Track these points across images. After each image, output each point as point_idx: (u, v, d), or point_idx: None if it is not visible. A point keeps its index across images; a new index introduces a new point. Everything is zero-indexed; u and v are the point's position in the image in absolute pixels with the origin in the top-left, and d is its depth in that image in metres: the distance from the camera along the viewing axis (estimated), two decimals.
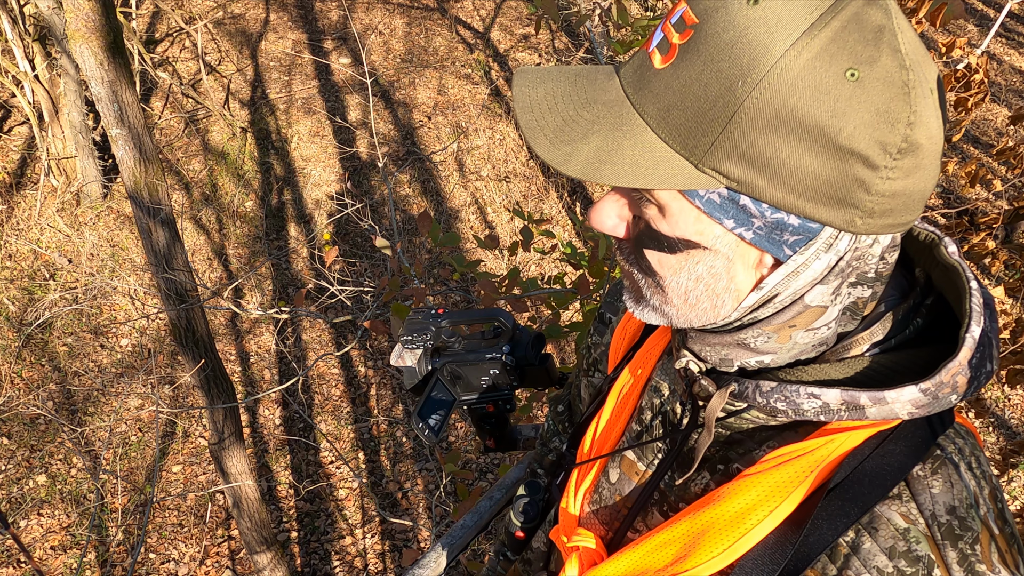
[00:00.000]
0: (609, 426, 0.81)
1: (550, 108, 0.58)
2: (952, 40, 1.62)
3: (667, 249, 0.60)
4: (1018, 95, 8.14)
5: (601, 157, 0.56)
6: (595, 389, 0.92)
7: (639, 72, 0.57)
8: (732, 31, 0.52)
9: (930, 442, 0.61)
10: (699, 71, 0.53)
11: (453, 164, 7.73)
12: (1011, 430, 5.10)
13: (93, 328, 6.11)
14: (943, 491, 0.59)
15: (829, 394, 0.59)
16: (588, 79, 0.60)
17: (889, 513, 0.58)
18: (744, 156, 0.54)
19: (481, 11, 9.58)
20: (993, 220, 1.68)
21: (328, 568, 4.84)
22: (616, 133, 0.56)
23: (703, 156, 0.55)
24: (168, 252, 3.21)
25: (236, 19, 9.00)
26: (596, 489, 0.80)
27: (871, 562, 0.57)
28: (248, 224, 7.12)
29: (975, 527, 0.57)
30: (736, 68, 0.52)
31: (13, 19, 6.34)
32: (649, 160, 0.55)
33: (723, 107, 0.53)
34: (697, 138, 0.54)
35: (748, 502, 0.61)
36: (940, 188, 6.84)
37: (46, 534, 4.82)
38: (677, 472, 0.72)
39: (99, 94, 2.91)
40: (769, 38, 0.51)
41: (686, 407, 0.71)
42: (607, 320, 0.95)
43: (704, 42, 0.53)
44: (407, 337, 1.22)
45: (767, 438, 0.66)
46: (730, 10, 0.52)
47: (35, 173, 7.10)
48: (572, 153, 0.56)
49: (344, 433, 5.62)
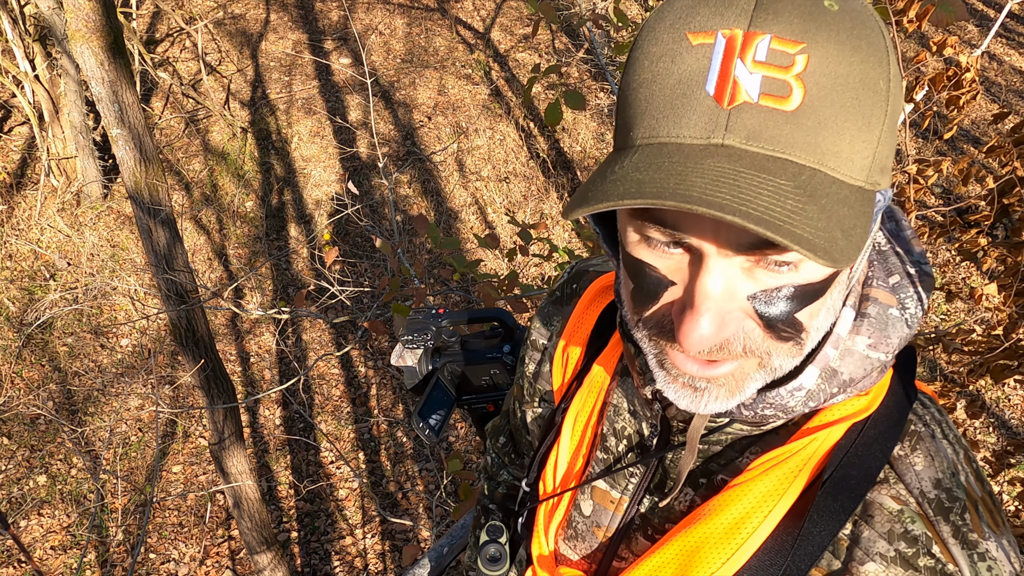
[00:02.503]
0: (572, 458, 0.77)
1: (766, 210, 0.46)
2: (944, 39, 1.63)
3: (820, 294, 0.53)
4: (1018, 95, 8.14)
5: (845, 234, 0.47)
6: (544, 421, 0.86)
7: (771, 129, 0.48)
8: (848, 34, 0.48)
9: (904, 420, 0.62)
10: (843, 88, 0.48)
11: (453, 164, 7.73)
12: (1011, 430, 5.10)
13: (93, 328, 6.12)
14: (926, 466, 0.60)
15: (806, 376, 0.59)
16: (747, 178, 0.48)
17: (881, 498, 0.59)
18: (885, 152, 0.52)
19: (481, 11, 9.58)
20: (985, 217, 1.69)
21: (328, 568, 4.84)
22: (823, 201, 0.47)
23: (869, 172, 0.51)
24: (168, 252, 3.21)
25: (236, 19, 9.01)
26: (569, 524, 0.78)
27: (873, 549, 0.58)
28: (248, 224, 7.12)
29: (961, 496, 0.59)
30: (873, 67, 0.49)
31: (13, 19, 6.34)
32: (851, 212, 0.48)
33: (880, 114, 0.50)
34: (866, 156, 0.50)
35: (741, 512, 0.61)
36: (939, 188, 6.84)
37: (46, 534, 4.83)
38: (656, 494, 0.70)
39: (99, 94, 2.91)
40: (873, 23, 0.50)
41: (656, 429, 0.70)
42: (540, 347, 0.88)
43: (831, 60, 0.47)
44: (408, 337, 1.23)
45: (748, 445, 0.65)
46: (827, 17, 0.48)
47: (35, 173, 7.11)
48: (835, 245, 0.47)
49: (344, 433, 5.63)
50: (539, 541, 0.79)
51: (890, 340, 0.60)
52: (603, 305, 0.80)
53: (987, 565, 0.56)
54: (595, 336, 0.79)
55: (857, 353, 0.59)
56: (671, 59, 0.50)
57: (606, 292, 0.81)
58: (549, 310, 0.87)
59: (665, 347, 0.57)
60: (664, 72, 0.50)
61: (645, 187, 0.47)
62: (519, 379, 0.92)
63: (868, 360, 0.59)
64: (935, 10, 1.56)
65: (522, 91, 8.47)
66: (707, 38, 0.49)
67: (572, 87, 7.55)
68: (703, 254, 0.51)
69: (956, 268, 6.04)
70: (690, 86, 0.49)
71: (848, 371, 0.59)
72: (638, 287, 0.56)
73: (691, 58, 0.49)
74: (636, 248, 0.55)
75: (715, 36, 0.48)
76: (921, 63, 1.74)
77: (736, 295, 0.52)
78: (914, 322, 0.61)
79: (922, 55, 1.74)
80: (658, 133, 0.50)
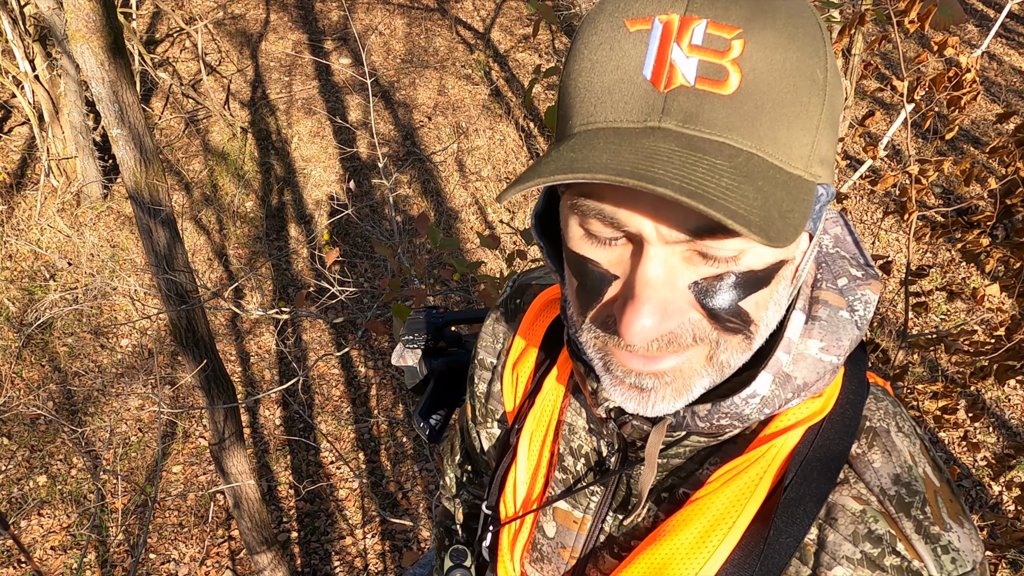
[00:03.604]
0: (531, 479, 0.76)
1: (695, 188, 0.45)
2: (945, 39, 1.63)
3: (764, 283, 0.53)
4: (1018, 95, 8.15)
5: (782, 216, 0.47)
6: (500, 442, 0.84)
7: (708, 112, 0.47)
8: (784, 23, 0.48)
9: (858, 417, 0.61)
10: (780, 74, 0.48)
11: (453, 164, 7.73)
12: (1011, 430, 5.10)
13: (93, 328, 6.12)
14: (884, 462, 0.60)
15: (760, 383, 0.58)
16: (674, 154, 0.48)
17: (843, 500, 0.59)
18: (824, 144, 0.51)
19: (481, 11, 9.59)
20: (987, 218, 1.69)
21: (328, 568, 4.84)
22: (758, 183, 0.47)
23: (808, 162, 0.50)
24: (168, 252, 3.21)
25: (236, 19, 9.01)
26: (534, 547, 0.76)
27: (839, 553, 0.58)
28: (248, 224, 7.12)
29: (920, 488, 0.59)
30: (810, 55, 0.49)
31: (14, 19, 6.34)
32: (788, 196, 0.48)
33: (817, 103, 0.49)
34: (804, 145, 0.50)
35: (705, 525, 0.60)
36: (939, 188, 6.84)
37: (46, 534, 4.83)
38: (619, 512, 0.69)
39: (100, 94, 2.91)
40: (810, 14, 0.50)
41: (613, 447, 0.69)
42: (489, 365, 0.85)
43: (767, 47, 0.47)
44: (408, 336, 1.22)
45: (707, 456, 0.65)
46: (764, 5, 0.48)
47: (35, 173, 7.11)
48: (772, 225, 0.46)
49: (344, 433, 5.63)
50: (505, 565, 0.78)
51: (841, 343, 0.59)
52: (549, 319, 0.78)
53: (951, 557, 0.57)
54: (544, 352, 0.78)
55: (810, 357, 0.59)
56: (609, 47, 0.49)
57: (551, 306, 0.79)
58: (494, 327, 0.85)
59: (610, 347, 0.56)
60: (602, 60, 0.50)
61: (576, 163, 0.46)
62: (471, 399, 0.89)
63: (821, 363, 0.59)
64: (923, 9, 1.56)
65: (522, 91, 8.48)
66: (644, 24, 0.48)
67: None
68: (643, 241, 0.50)
69: (956, 268, 6.04)
70: (627, 71, 0.48)
71: (802, 376, 0.59)
72: (581, 285, 0.55)
73: (628, 44, 0.49)
74: (578, 244, 0.54)
75: (652, 22, 0.48)
76: (922, 63, 1.74)
77: (677, 284, 0.51)
78: (863, 324, 0.61)
79: (923, 55, 1.74)
80: (595, 119, 0.50)
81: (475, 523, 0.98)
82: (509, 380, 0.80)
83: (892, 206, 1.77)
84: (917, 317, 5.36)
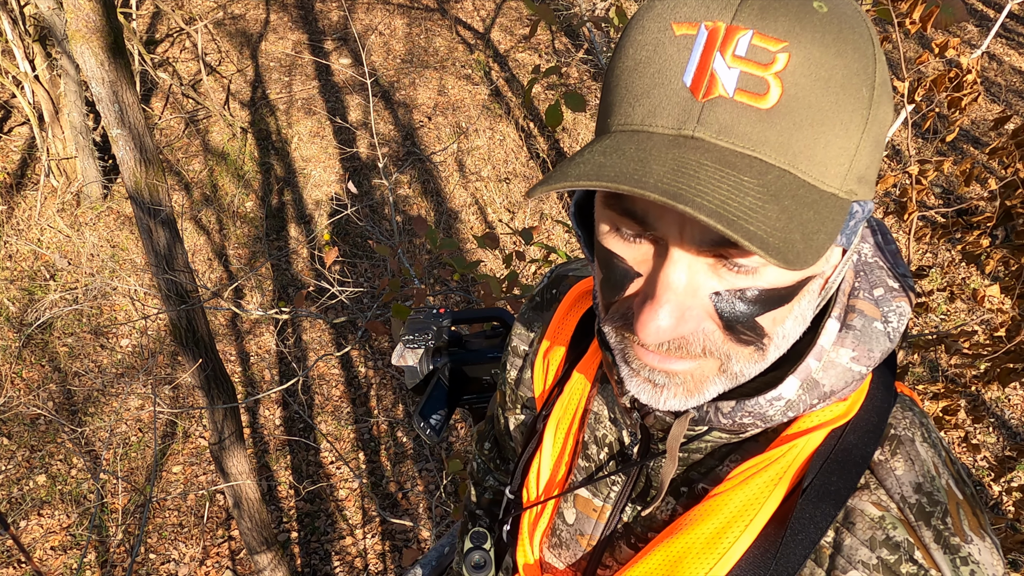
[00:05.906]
0: (555, 466, 0.77)
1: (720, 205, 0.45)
2: (946, 40, 1.63)
3: (786, 300, 0.53)
4: (1018, 95, 8.15)
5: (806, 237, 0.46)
6: (527, 427, 0.86)
7: (743, 125, 0.47)
8: (834, 37, 0.48)
9: (883, 424, 0.61)
10: (822, 91, 0.47)
11: (453, 165, 7.73)
12: (1011, 430, 5.10)
13: (93, 328, 6.12)
14: (906, 471, 0.59)
15: (787, 386, 0.58)
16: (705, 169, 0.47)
17: (862, 505, 0.59)
18: (864, 161, 0.51)
19: (481, 11, 9.59)
20: (987, 219, 1.69)
21: (328, 568, 4.84)
22: (785, 202, 0.47)
23: (844, 180, 0.50)
24: (168, 252, 3.21)
25: (236, 20, 9.01)
26: (553, 532, 0.77)
27: (855, 557, 0.57)
28: (248, 224, 7.12)
29: (942, 499, 0.58)
30: (856, 73, 0.48)
31: (13, 20, 6.34)
32: (816, 216, 0.47)
33: (860, 121, 0.49)
34: (842, 163, 0.49)
35: (722, 521, 0.60)
36: (939, 188, 6.84)
37: (46, 534, 4.83)
38: (638, 503, 0.70)
39: (100, 95, 2.91)
40: (863, 29, 0.49)
41: (636, 437, 0.70)
42: (522, 353, 0.87)
43: (812, 63, 0.47)
44: (409, 336, 1.23)
45: (728, 453, 0.65)
46: (813, 19, 0.47)
47: (35, 174, 7.11)
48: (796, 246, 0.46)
49: (344, 433, 5.63)
50: (524, 549, 0.79)
51: (873, 353, 0.60)
52: (583, 310, 0.80)
53: (970, 569, 0.56)
54: (575, 342, 0.79)
55: (840, 366, 0.59)
56: (653, 48, 0.50)
57: (585, 297, 0.81)
58: (529, 316, 0.87)
59: (628, 339, 0.57)
60: (646, 61, 0.50)
61: (604, 170, 0.47)
62: (501, 385, 0.92)
63: (850, 372, 0.59)
64: (926, 10, 1.56)
65: (522, 91, 8.48)
66: (690, 29, 0.48)
67: (572, 88, 7.54)
68: (669, 246, 0.51)
69: (956, 268, 6.04)
70: (668, 76, 0.49)
71: (829, 383, 0.59)
72: (607, 278, 0.56)
73: (672, 48, 0.49)
74: (607, 238, 0.55)
75: (698, 27, 0.48)
76: (922, 64, 1.74)
77: (699, 291, 0.52)
78: (895, 336, 0.61)
79: (924, 56, 1.74)
80: (632, 120, 0.50)
81: (499, 509, 0.99)
82: (540, 367, 0.82)
83: (892, 206, 1.79)
84: (917, 317, 5.36)
